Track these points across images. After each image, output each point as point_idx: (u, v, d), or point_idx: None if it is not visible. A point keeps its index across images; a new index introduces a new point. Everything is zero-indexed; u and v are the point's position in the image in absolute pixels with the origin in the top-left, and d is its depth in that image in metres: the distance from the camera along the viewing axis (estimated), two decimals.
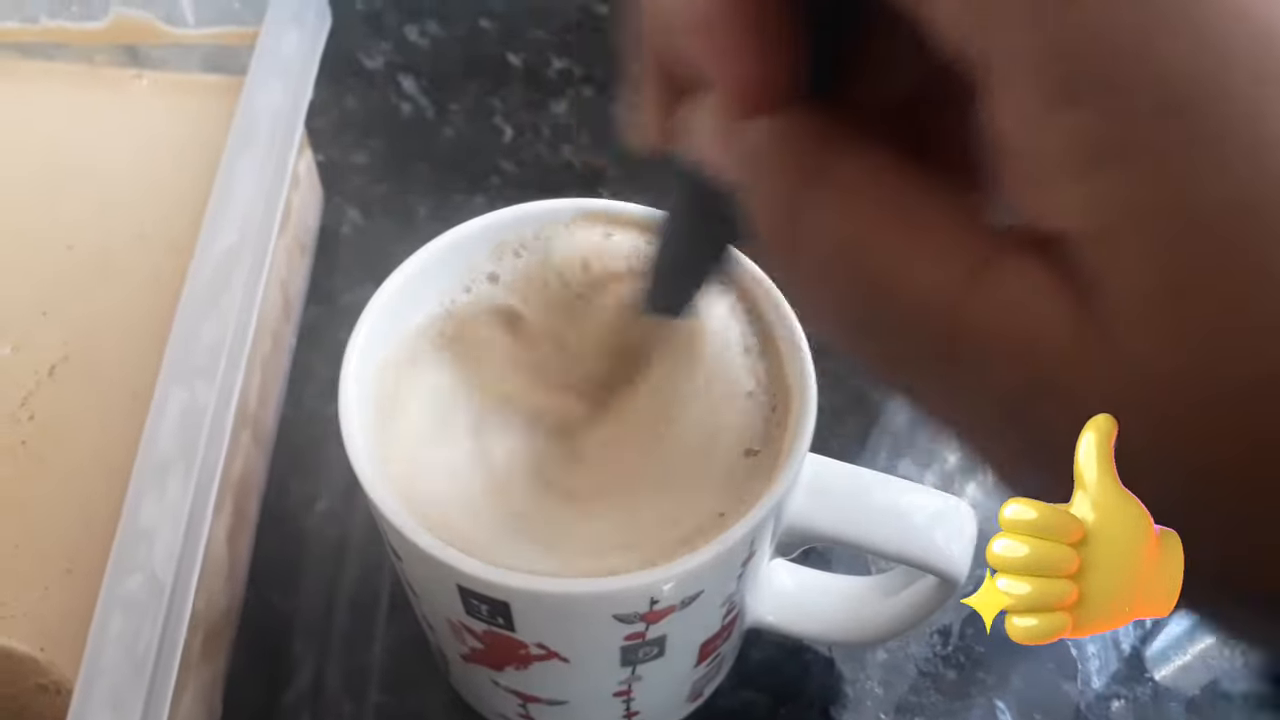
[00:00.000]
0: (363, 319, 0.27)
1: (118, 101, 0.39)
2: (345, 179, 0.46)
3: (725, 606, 0.27)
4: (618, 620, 0.24)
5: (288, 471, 0.38)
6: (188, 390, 0.28)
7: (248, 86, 0.35)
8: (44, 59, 0.40)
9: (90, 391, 0.32)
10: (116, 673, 0.24)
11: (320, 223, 0.44)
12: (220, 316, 0.29)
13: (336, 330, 0.41)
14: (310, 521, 0.37)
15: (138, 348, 0.32)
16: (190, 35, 0.39)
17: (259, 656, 0.34)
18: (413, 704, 0.34)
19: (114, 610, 0.25)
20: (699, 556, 0.23)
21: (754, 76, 0.14)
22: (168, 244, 0.34)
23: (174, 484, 0.26)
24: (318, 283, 0.43)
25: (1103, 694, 0.35)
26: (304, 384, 0.40)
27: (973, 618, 0.36)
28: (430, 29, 0.51)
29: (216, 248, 0.31)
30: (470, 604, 0.24)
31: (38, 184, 0.36)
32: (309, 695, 0.34)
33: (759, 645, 0.34)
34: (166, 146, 0.37)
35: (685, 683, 0.30)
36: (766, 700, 0.34)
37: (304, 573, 0.36)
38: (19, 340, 0.33)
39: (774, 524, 0.26)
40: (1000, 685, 0.35)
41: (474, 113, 0.49)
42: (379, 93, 0.49)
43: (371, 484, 0.24)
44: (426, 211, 0.45)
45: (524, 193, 0.29)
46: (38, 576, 0.28)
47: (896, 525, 0.27)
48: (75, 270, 0.34)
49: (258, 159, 0.33)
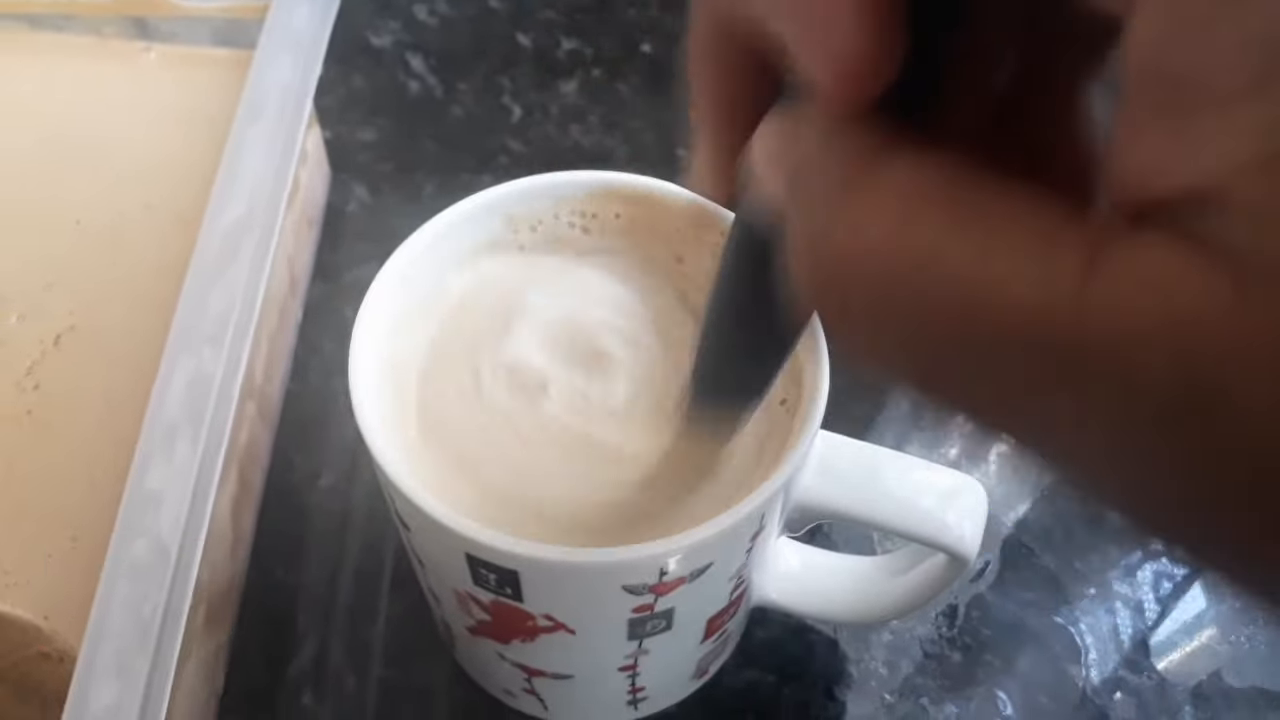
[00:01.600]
0: (374, 287, 0.27)
1: (126, 74, 0.38)
2: (352, 156, 0.46)
3: (734, 581, 0.27)
4: (626, 591, 0.24)
5: (292, 446, 0.38)
6: (195, 357, 0.28)
7: (258, 60, 0.35)
8: (53, 31, 0.40)
9: (96, 362, 0.32)
10: (121, 638, 0.24)
11: (327, 199, 0.44)
12: (228, 287, 0.29)
13: (342, 306, 0.41)
14: (314, 496, 0.37)
15: (143, 319, 0.32)
16: (199, 9, 0.39)
17: (262, 630, 0.34)
18: (417, 678, 0.34)
19: (120, 575, 0.25)
20: (709, 529, 0.23)
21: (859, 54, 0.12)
22: (175, 217, 0.34)
23: (181, 449, 0.26)
24: (323, 259, 0.43)
25: (1107, 681, 0.35)
26: (309, 359, 0.40)
27: (978, 600, 0.36)
28: (439, 8, 0.51)
29: (225, 219, 0.31)
30: (479, 573, 0.24)
31: (46, 156, 0.36)
32: (312, 669, 0.34)
33: (764, 624, 0.34)
34: (175, 120, 0.37)
35: (691, 659, 0.30)
36: (771, 679, 0.34)
37: (307, 547, 0.36)
38: (25, 310, 0.33)
39: (784, 499, 0.26)
40: (1005, 669, 0.35)
41: (482, 92, 0.49)
42: (387, 71, 0.49)
43: (381, 451, 0.24)
44: (433, 190, 0.45)
45: (532, 172, 0.29)
46: (42, 545, 0.28)
47: (907, 503, 0.27)
48: (82, 242, 0.34)
49: (267, 133, 0.33)
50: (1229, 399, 0.09)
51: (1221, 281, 0.09)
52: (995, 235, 0.11)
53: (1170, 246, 0.10)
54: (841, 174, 0.12)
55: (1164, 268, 0.10)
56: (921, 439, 0.40)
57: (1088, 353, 0.10)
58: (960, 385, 0.12)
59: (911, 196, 0.12)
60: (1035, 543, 0.37)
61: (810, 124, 0.13)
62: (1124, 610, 0.36)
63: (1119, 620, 0.36)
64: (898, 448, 0.39)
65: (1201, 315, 0.09)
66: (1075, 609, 0.36)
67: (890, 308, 0.12)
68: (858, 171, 0.12)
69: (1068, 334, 0.10)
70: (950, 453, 0.40)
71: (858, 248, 0.12)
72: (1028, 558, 0.37)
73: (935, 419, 0.40)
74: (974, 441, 0.40)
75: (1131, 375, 0.10)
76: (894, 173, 0.12)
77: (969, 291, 0.11)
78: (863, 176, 0.12)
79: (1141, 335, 0.10)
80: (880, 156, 0.12)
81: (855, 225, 0.12)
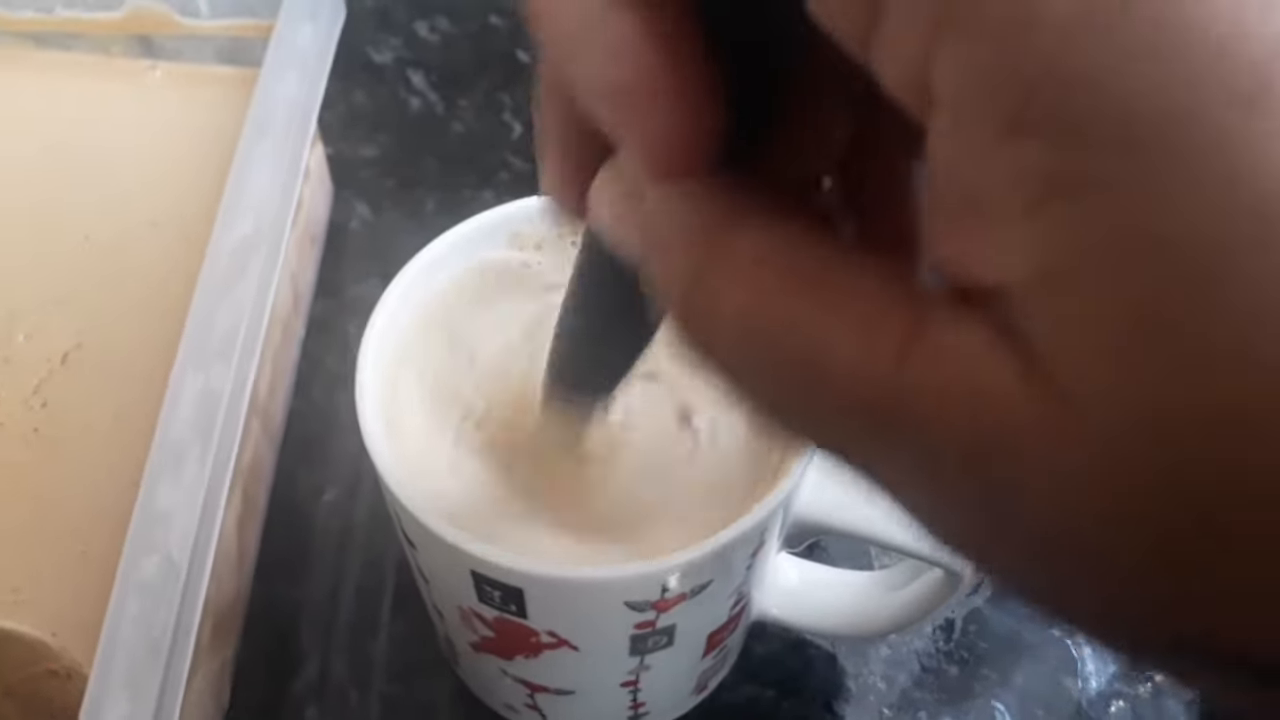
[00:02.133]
0: (380, 305, 0.27)
1: (132, 92, 0.39)
2: (354, 173, 0.46)
3: (733, 597, 0.27)
4: (629, 608, 0.24)
5: (295, 462, 0.38)
6: (203, 375, 0.28)
7: (263, 78, 0.35)
8: (60, 49, 0.40)
9: (102, 379, 0.32)
10: (132, 655, 0.24)
11: (329, 216, 0.45)
12: (235, 304, 0.30)
13: (345, 323, 0.42)
14: (317, 512, 0.37)
15: (150, 337, 0.32)
16: (205, 27, 0.39)
17: (266, 645, 0.35)
18: (419, 693, 0.34)
19: (130, 593, 0.25)
20: (709, 546, 0.23)
21: (674, 137, 0.13)
22: (180, 234, 0.35)
23: (190, 467, 0.26)
24: (326, 276, 0.43)
25: (1103, 692, 0.35)
26: (312, 375, 0.40)
27: (975, 613, 0.36)
28: (440, 25, 0.52)
29: (231, 237, 0.31)
30: (483, 590, 0.24)
31: (52, 174, 0.37)
32: (316, 684, 0.34)
33: (763, 639, 0.35)
34: (180, 137, 0.37)
35: (692, 674, 0.30)
36: (770, 694, 0.34)
37: (311, 563, 0.36)
38: (32, 328, 0.33)
39: (783, 515, 0.26)
40: (1002, 682, 0.35)
41: (483, 109, 0.49)
42: (388, 88, 0.50)
43: (387, 468, 0.24)
44: (434, 206, 0.46)
45: (533, 189, 0.29)
46: (50, 562, 0.29)
47: (905, 518, 0.27)
48: (88, 259, 0.35)
49: (272, 151, 0.34)
50: (1014, 474, 0.11)
51: (1014, 366, 0.11)
52: (828, 306, 0.12)
53: (976, 330, 0.11)
54: (694, 237, 0.13)
55: (969, 348, 0.11)
56: None
57: (900, 422, 0.11)
58: (803, 427, 0.13)
59: (761, 264, 0.13)
60: None
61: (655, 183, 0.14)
62: None
63: None
64: None
65: (995, 396, 0.11)
66: None
67: (744, 361, 0.13)
68: (709, 236, 0.13)
69: (882, 400, 0.11)
70: None
71: (714, 308, 0.13)
72: None
73: None
74: None
75: (935, 445, 0.11)
76: (745, 238, 0.13)
77: (802, 354, 0.12)
78: (715, 243, 0.13)
79: (944, 410, 0.11)
80: (730, 221, 0.13)
81: (710, 288, 0.13)
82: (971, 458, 0.11)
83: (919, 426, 0.11)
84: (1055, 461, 0.10)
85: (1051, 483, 0.10)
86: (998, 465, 0.11)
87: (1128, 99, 0.10)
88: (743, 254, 0.13)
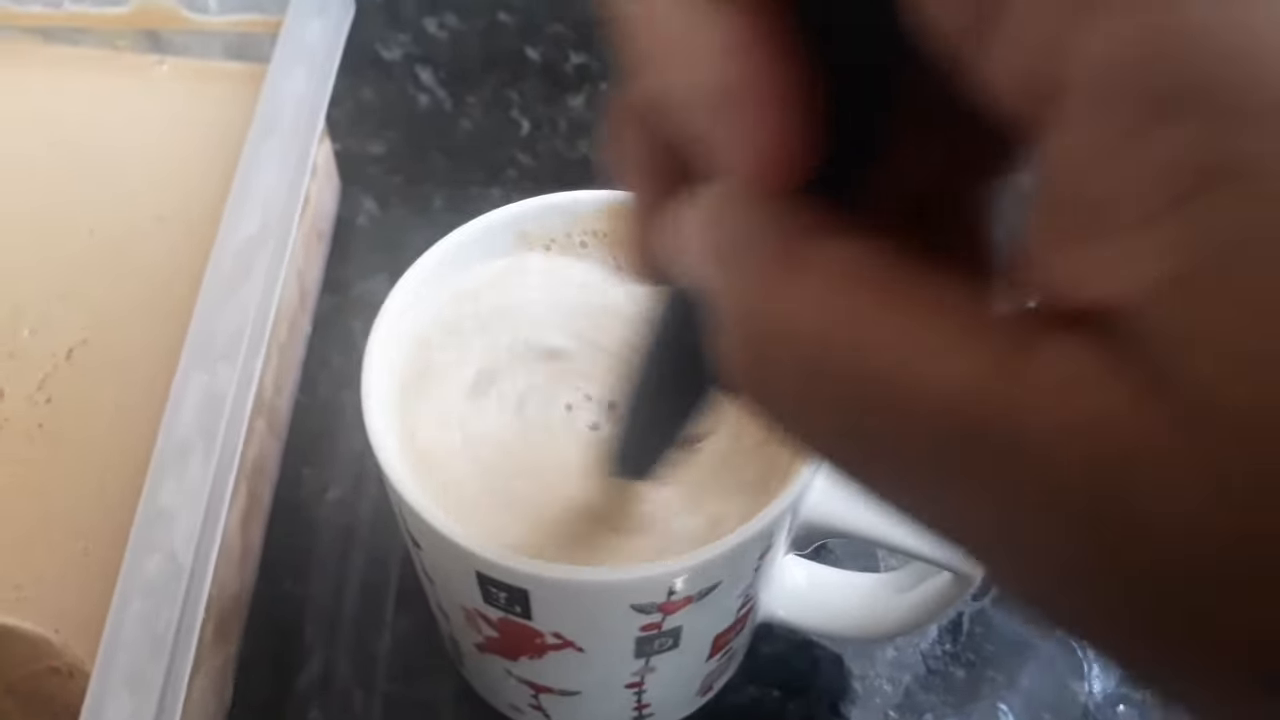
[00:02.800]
0: (387, 304, 0.27)
1: (140, 87, 0.39)
2: (362, 169, 0.46)
3: (741, 599, 0.27)
4: (635, 610, 0.24)
5: (300, 459, 0.38)
6: (209, 374, 0.28)
7: (271, 74, 0.35)
8: (67, 44, 0.40)
9: (107, 375, 0.32)
10: (135, 653, 0.24)
11: (336, 212, 0.45)
12: (241, 303, 0.30)
13: (351, 320, 0.41)
14: (322, 509, 0.37)
15: (155, 332, 0.32)
16: (213, 22, 0.39)
17: (270, 643, 0.35)
18: (423, 693, 0.34)
19: (134, 590, 0.25)
20: (717, 548, 0.23)
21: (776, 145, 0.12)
22: (187, 230, 0.35)
23: (194, 466, 0.26)
24: (333, 272, 0.43)
25: (1109, 695, 0.35)
26: (318, 372, 0.40)
27: (981, 615, 0.36)
28: (449, 21, 0.52)
29: (238, 233, 0.31)
30: (488, 591, 0.24)
31: (59, 168, 0.37)
32: (319, 683, 0.34)
33: (769, 640, 0.34)
34: (187, 133, 0.37)
35: (697, 676, 0.30)
36: (776, 695, 0.34)
37: (315, 560, 0.36)
38: (37, 324, 0.33)
39: (791, 519, 0.26)
40: (1008, 684, 0.35)
41: (491, 105, 0.49)
42: (396, 84, 0.50)
43: (392, 468, 0.24)
44: (442, 203, 0.46)
45: (540, 186, 0.29)
46: (53, 559, 0.28)
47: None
48: (94, 255, 0.34)
49: (280, 147, 0.33)
50: (1129, 504, 0.10)
51: (1133, 390, 0.10)
52: (923, 321, 0.11)
53: (1090, 350, 0.10)
54: (771, 251, 0.12)
55: (1085, 370, 0.10)
56: None
57: (1001, 446, 0.10)
58: (878, 467, 0.12)
59: (842, 277, 0.12)
60: None
61: (735, 201, 0.13)
62: None
63: None
64: None
65: (1112, 420, 0.10)
66: None
67: (816, 388, 0.12)
68: (787, 250, 0.12)
69: (984, 424, 0.10)
70: None
71: (786, 327, 0.12)
72: None
73: None
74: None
75: (1040, 471, 0.10)
76: (824, 252, 0.12)
77: (885, 376, 0.11)
78: (792, 255, 0.12)
79: (1054, 432, 0.10)
80: (810, 236, 0.12)
81: (784, 303, 0.12)
82: (1085, 483, 0.10)
83: (1024, 450, 0.10)
84: (1182, 489, 0.09)
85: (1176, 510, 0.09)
86: (1112, 490, 0.10)
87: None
88: (819, 265, 0.12)
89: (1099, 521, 0.10)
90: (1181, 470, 0.09)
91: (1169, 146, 0.09)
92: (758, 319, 0.12)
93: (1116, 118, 0.09)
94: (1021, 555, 0.11)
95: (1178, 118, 0.09)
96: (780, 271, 0.12)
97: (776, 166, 0.12)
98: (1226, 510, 0.09)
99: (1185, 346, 0.09)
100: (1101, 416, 0.10)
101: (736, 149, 0.12)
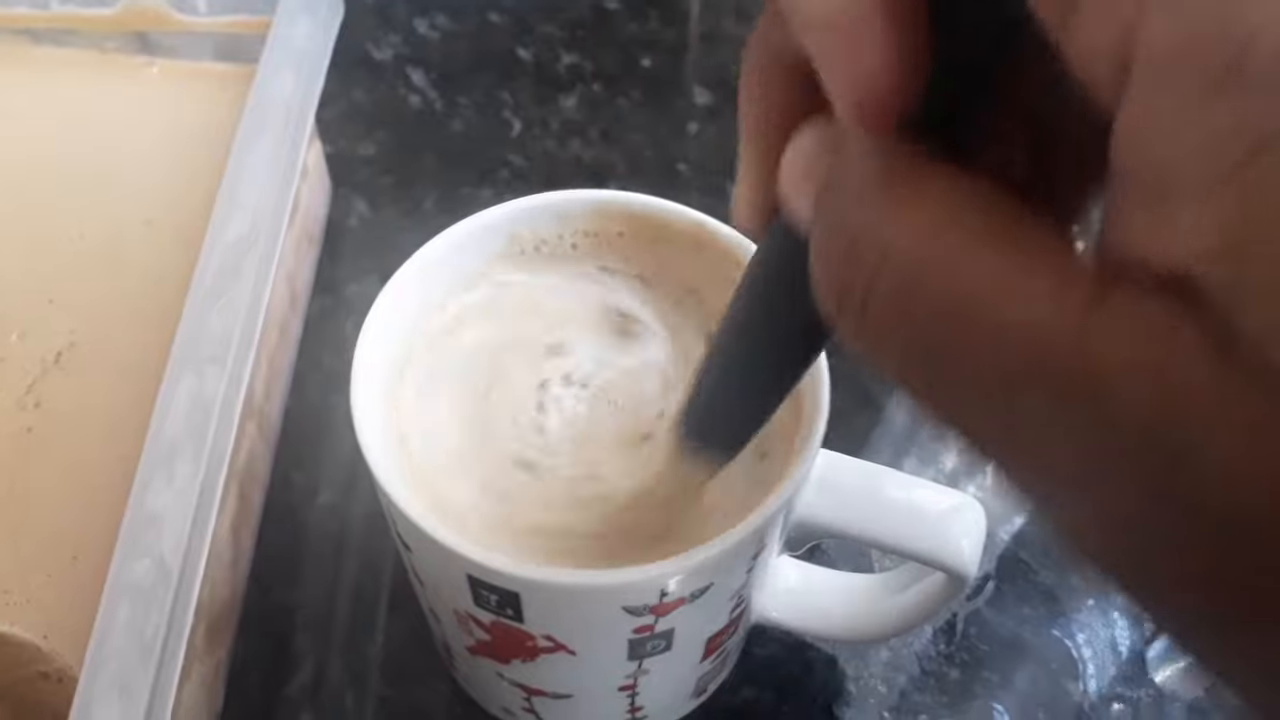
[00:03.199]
0: (376, 306, 0.27)
1: (128, 89, 0.38)
2: (352, 171, 0.46)
3: (733, 601, 0.27)
4: (627, 612, 0.24)
5: (291, 463, 0.38)
6: (197, 377, 0.28)
7: (260, 75, 0.35)
8: (55, 45, 0.40)
9: (96, 379, 0.32)
10: (123, 659, 0.24)
11: (327, 214, 0.44)
12: (230, 306, 0.29)
13: (342, 322, 0.41)
14: (312, 513, 0.37)
15: (144, 336, 0.32)
16: (202, 23, 0.39)
17: (261, 648, 0.34)
18: (415, 697, 0.34)
19: (121, 596, 0.25)
20: (709, 550, 0.23)
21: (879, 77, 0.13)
22: (176, 232, 0.34)
23: (183, 470, 0.26)
24: (324, 274, 0.43)
25: (1104, 695, 0.35)
26: (309, 375, 0.40)
27: (975, 616, 0.36)
28: (440, 22, 0.51)
29: (227, 237, 0.31)
30: (479, 594, 0.24)
31: (47, 171, 0.36)
32: (311, 687, 0.34)
33: (762, 642, 0.34)
34: (176, 134, 0.37)
35: (690, 678, 0.30)
36: (770, 697, 0.34)
37: (306, 565, 0.36)
38: (25, 327, 0.33)
39: (784, 519, 0.26)
40: (1002, 685, 0.35)
41: (483, 106, 0.49)
42: (387, 85, 0.49)
43: (383, 472, 0.24)
44: (433, 204, 0.45)
45: (532, 187, 0.29)
46: (41, 563, 0.28)
47: (908, 521, 0.27)
48: (83, 258, 0.34)
49: (269, 149, 0.33)
50: (1197, 453, 0.10)
51: (1205, 345, 0.10)
52: (1017, 254, 0.12)
53: (1164, 303, 0.11)
54: (878, 176, 0.13)
55: (1157, 320, 0.11)
56: (919, 453, 0.40)
57: (1078, 377, 0.11)
58: (954, 393, 0.12)
59: (945, 205, 0.12)
60: (1032, 558, 0.37)
61: (849, 133, 0.14)
62: (1121, 624, 0.36)
63: (1116, 634, 0.36)
64: (895, 462, 0.40)
65: (1185, 370, 0.10)
66: (1072, 624, 0.36)
67: (908, 311, 0.12)
68: (894, 176, 0.13)
69: (1064, 358, 0.11)
70: (947, 466, 0.40)
71: (888, 245, 0.12)
72: (1025, 573, 0.37)
73: (932, 434, 0.40)
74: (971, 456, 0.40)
75: (1114, 408, 0.11)
76: (929, 181, 0.13)
77: (985, 301, 0.12)
78: (899, 181, 0.13)
79: (1128, 375, 0.11)
80: (916, 166, 0.13)
81: (888, 228, 0.13)
82: (1151, 428, 0.11)
83: (1100, 391, 0.11)
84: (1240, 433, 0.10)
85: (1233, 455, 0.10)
86: (1178, 436, 0.10)
87: None
88: (925, 192, 0.13)
89: (1160, 459, 0.11)
90: (1240, 416, 0.10)
91: (1228, 115, 0.10)
92: (860, 244, 0.13)
93: (1178, 90, 0.10)
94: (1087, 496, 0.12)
95: (1236, 90, 0.10)
96: (886, 191, 0.13)
97: (877, 98, 0.13)
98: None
99: (1244, 304, 0.10)
100: (1168, 361, 0.10)
101: (841, 75, 0.13)
